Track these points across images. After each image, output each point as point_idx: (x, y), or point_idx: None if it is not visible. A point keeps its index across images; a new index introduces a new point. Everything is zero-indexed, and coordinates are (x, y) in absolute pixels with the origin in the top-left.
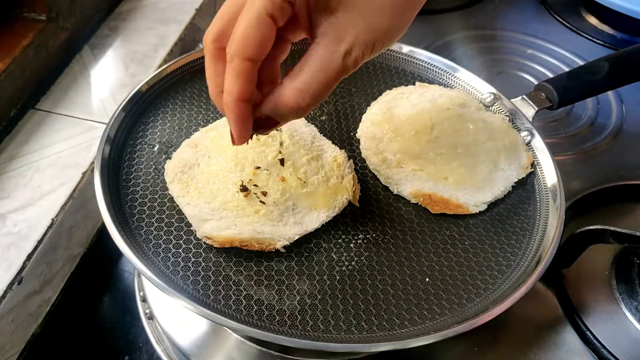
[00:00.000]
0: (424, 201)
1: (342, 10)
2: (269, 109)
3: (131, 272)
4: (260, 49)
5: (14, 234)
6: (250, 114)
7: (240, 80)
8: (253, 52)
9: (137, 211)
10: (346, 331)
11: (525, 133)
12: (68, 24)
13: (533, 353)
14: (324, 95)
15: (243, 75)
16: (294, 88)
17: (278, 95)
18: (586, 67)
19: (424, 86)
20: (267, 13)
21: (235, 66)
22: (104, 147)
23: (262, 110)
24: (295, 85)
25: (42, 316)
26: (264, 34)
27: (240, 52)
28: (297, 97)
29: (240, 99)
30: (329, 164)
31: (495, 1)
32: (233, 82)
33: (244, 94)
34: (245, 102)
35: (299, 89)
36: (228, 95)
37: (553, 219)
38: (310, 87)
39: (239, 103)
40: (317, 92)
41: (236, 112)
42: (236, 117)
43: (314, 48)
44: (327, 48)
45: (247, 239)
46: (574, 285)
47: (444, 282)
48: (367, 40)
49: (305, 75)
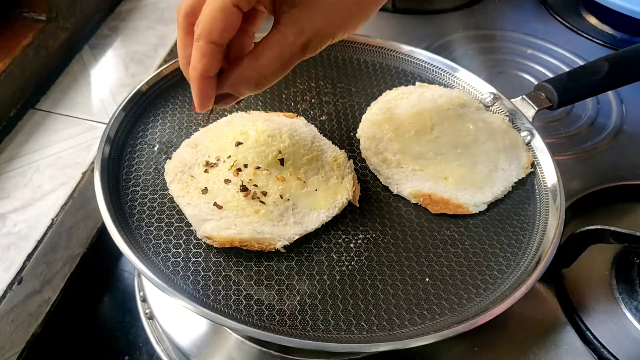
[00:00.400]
0: (423, 201)
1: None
2: (229, 88)
3: (131, 272)
4: (224, 35)
5: (14, 234)
6: (212, 87)
7: (205, 60)
8: (217, 38)
9: (137, 211)
10: (346, 331)
11: (525, 133)
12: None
13: (533, 353)
14: (279, 77)
15: (207, 55)
16: (252, 70)
17: (238, 76)
18: (586, 67)
19: (424, 86)
20: (232, 3)
21: (201, 46)
22: (104, 147)
23: (224, 88)
24: (254, 67)
25: (42, 316)
26: (229, 21)
27: (206, 36)
28: (255, 79)
29: (203, 75)
30: (329, 164)
31: (495, 1)
32: (198, 60)
33: (207, 72)
34: (208, 78)
35: (258, 72)
36: (193, 70)
37: (553, 219)
38: (267, 71)
39: (202, 79)
40: (273, 75)
41: (198, 86)
42: (198, 90)
43: (275, 34)
44: (287, 38)
45: (247, 239)
46: (574, 285)
47: (444, 282)
48: (326, 34)
49: (264, 60)
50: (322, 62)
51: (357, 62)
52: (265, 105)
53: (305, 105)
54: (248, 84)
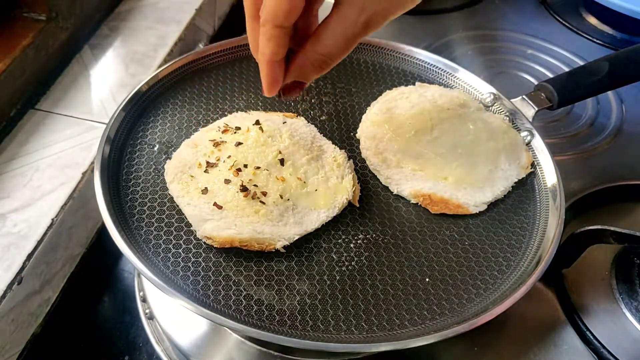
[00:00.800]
0: (423, 201)
1: None
2: (296, 75)
3: (131, 272)
4: (289, 17)
5: (14, 234)
6: (280, 71)
7: (271, 44)
8: (282, 21)
9: (137, 211)
10: (346, 331)
11: (525, 133)
12: (68, 24)
13: (533, 353)
14: (343, 56)
15: (273, 39)
16: (316, 53)
17: (303, 61)
18: (586, 67)
19: (424, 86)
20: None
21: (267, 31)
22: (104, 147)
23: (290, 76)
24: (317, 50)
25: (42, 316)
26: (293, 4)
27: (271, 20)
28: (319, 61)
29: (271, 60)
30: (329, 164)
31: (496, 1)
32: (265, 45)
33: (275, 56)
34: (276, 62)
35: (322, 54)
36: (261, 55)
37: (553, 219)
38: (331, 51)
39: (269, 63)
40: (337, 55)
41: (266, 71)
42: (267, 74)
43: (336, 14)
44: (349, 16)
45: (247, 239)
46: (574, 285)
47: (444, 282)
48: (387, 12)
49: (327, 40)
50: None
51: (357, 62)
52: (265, 105)
53: (305, 105)
54: (313, 66)
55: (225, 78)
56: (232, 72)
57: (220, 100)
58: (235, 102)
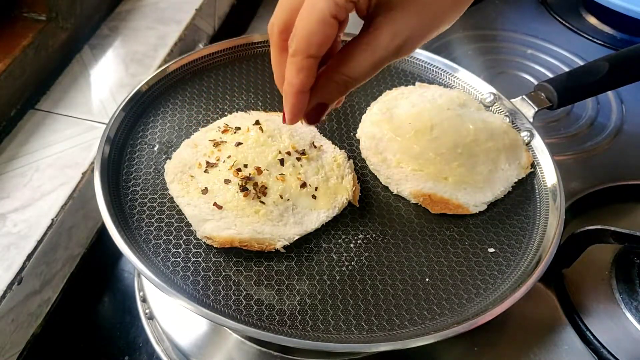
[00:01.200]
0: (423, 201)
1: (401, 9)
2: (320, 97)
3: (131, 272)
4: (322, 48)
5: (14, 234)
6: (305, 101)
7: (302, 75)
8: (315, 51)
9: (137, 211)
10: (346, 331)
11: (525, 133)
12: (68, 24)
13: (533, 353)
14: (368, 79)
15: (304, 70)
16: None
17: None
18: (586, 67)
19: (424, 86)
20: (330, 14)
21: (298, 62)
22: (104, 147)
23: (313, 101)
24: (343, 72)
25: (42, 316)
26: (327, 34)
27: (303, 51)
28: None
29: (300, 91)
30: (329, 164)
31: (495, 1)
32: (294, 76)
33: (304, 87)
34: (304, 93)
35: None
36: (289, 86)
37: (553, 219)
38: (357, 74)
39: (298, 95)
40: (363, 78)
41: (293, 101)
42: (293, 105)
43: (366, 37)
44: (380, 41)
45: (247, 239)
46: (574, 285)
47: (444, 282)
48: (419, 37)
49: (354, 62)
50: None
51: None
52: (265, 105)
53: None
54: (338, 87)
55: (225, 78)
56: (232, 72)
57: (220, 100)
58: (235, 102)
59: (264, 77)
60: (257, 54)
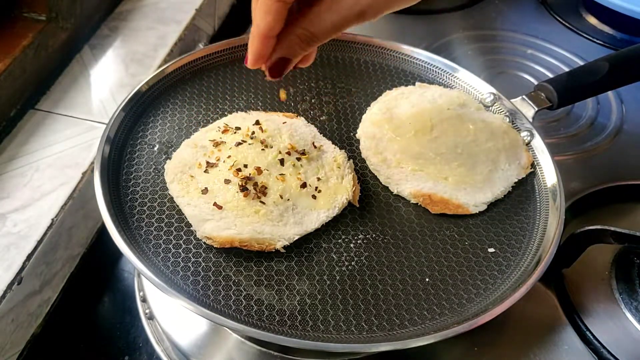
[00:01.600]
0: (423, 201)
1: None
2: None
3: (131, 272)
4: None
5: (14, 234)
6: (268, 47)
7: (269, 17)
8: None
9: (137, 211)
10: (346, 331)
11: (525, 133)
12: (68, 24)
13: (533, 353)
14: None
15: (272, 13)
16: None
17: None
18: (586, 67)
19: (424, 86)
20: None
21: (266, 4)
22: (104, 147)
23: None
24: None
25: (42, 316)
26: None
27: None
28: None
29: (265, 35)
30: (329, 164)
31: (495, 1)
32: (262, 18)
33: (270, 31)
34: (268, 37)
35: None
36: (256, 27)
37: (553, 219)
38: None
39: (262, 38)
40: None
41: (257, 44)
42: (256, 48)
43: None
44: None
45: (247, 239)
46: (574, 285)
47: (444, 282)
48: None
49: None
50: (322, 62)
51: (357, 62)
52: (265, 105)
53: (305, 105)
54: (299, 42)
55: (225, 78)
56: (232, 72)
57: (220, 100)
58: (235, 102)
59: (263, 77)
60: None
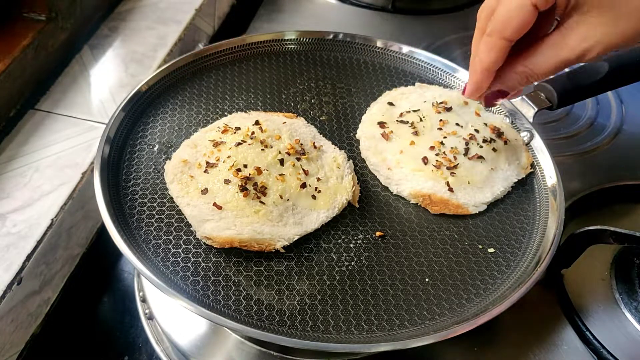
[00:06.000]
0: (423, 201)
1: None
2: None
3: (131, 272)
4: (517, 32)
5: (14, 234)
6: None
7: (493, 54)
8: (510, 34)
9: (137, 211)
10: (346, 331)
11: (525, 133)
12: (68, 24)
13: (533, 353)
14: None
15: (496, 50)
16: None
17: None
18: (586, 67)
19: (424, 86)
20: (530, 2)
21: (492, 41)
22: (104, 147)
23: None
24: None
25: (42, 316)
26: (524, 19)
27: (499, 32)
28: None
29: (487, 69)
30: (329, 164)
31: None
32: (486, 53)
33: (492, 65)
34: (490, 71)
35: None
36: (479, 62)
37: (553, 219)
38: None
39: (484, 72)
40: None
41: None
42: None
43: (556, 35)
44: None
45: (246, 239)
46: (573, 286)
47: (444, 282)
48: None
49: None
50: (322, 62)
51: (357, 62)
52: (265, 106)
53: (305, 106)
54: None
55: (225, 78)
56: (232, 72)
57: (220, 100)
58: (235, 102)
59: (263, 77)
60: (257, 54)
